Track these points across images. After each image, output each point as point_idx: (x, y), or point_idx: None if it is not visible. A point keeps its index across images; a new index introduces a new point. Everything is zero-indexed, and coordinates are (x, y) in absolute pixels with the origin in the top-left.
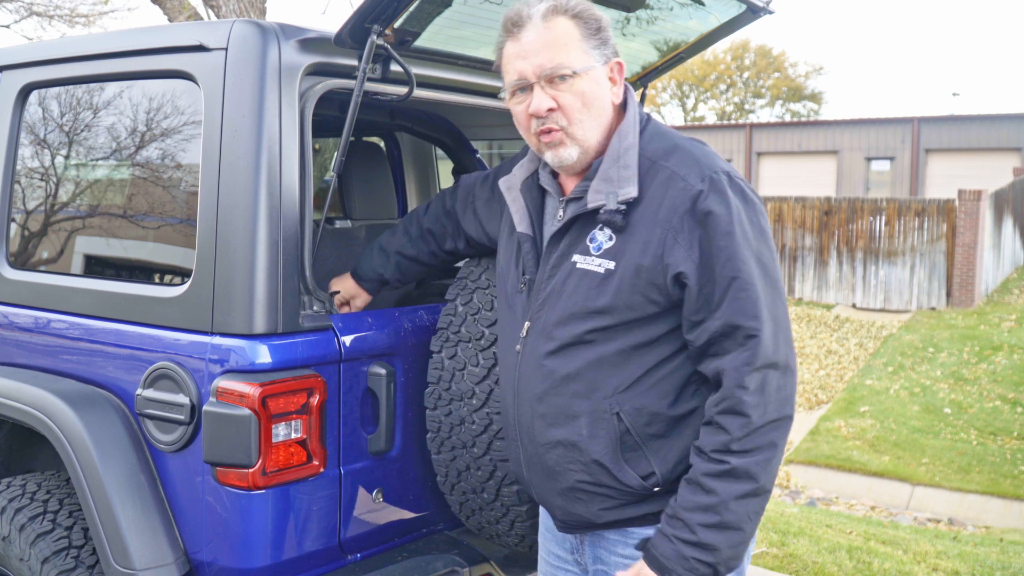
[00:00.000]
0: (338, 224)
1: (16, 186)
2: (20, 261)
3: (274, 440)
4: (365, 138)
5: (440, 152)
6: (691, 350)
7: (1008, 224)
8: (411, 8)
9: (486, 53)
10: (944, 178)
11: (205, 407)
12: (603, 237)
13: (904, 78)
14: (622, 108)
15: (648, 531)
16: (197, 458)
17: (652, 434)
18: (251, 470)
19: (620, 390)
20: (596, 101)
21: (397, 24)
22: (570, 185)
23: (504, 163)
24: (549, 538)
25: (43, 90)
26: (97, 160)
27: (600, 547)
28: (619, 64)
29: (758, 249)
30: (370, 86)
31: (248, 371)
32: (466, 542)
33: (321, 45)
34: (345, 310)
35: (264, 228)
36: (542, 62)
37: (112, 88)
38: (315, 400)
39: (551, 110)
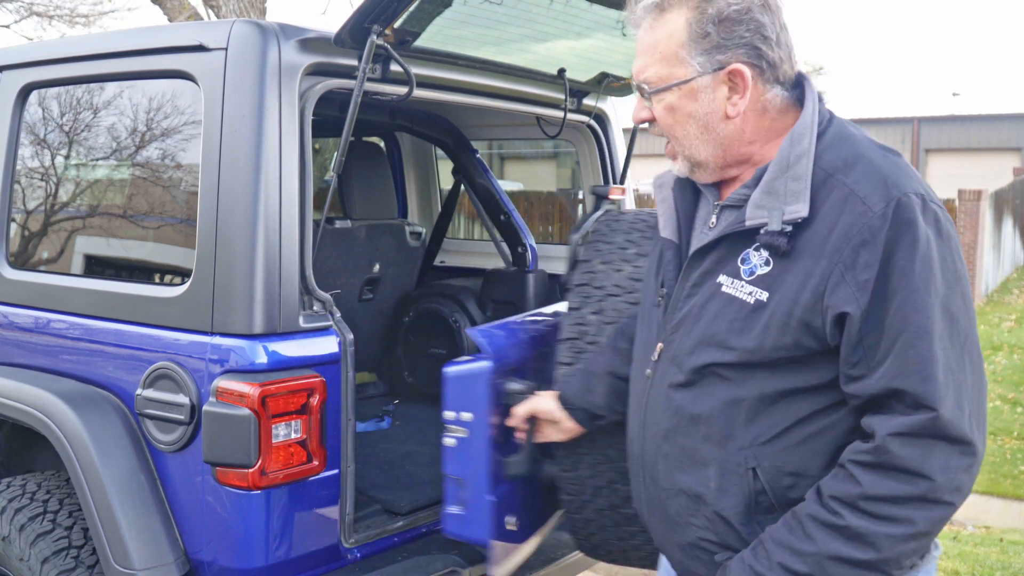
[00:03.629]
0: (338, 224)
1: (16, 186)
2: (20, 261)
3: (274, 440)
4: (365, 138)
5: (440, 152)
6: (852, 406)
7: (1008, 224)
8: (411, 8)
9: (486, 53)
10: (944, 178)
11: (205, 407)
12: (759, 260)
13: (904, 78)
14: (798, 104)
15: None
16: (197, 458)
17: (795, 498)
18: (251, 470)
19: (760, 442)
20: (692, 120)
21: (397, 24)
22: (727, 188)
23: None
24: None
25: (43, 90)
26: (97, 160)
27: None
28: (739, 72)
29: (946, 296)
30: (370, 86)
31: (248, 371)
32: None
33: (321, 45)
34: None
35: (264, 228)
36: (636, 68)
37: (112, 88)
38: (315, 400)
39: (645, 120)
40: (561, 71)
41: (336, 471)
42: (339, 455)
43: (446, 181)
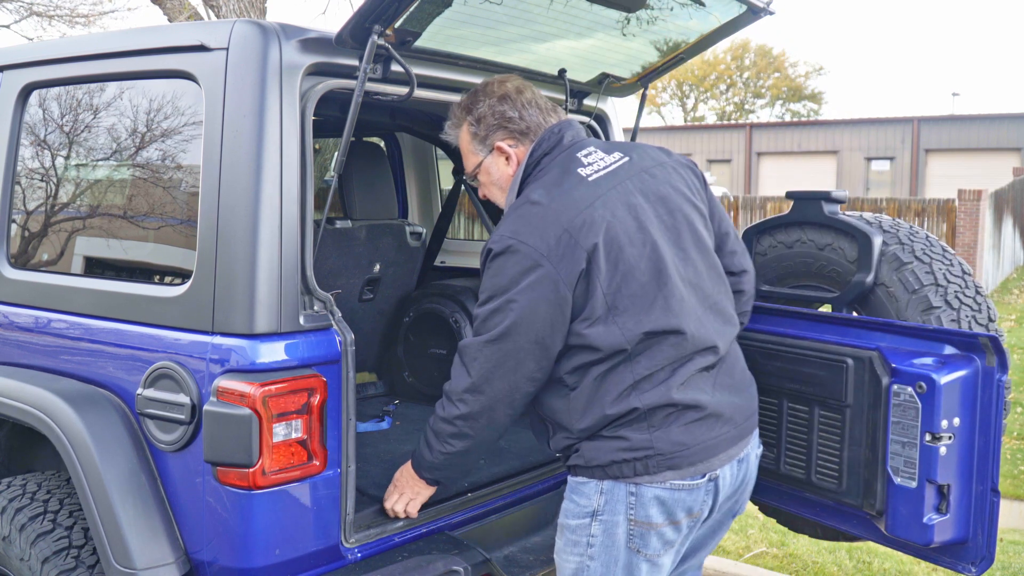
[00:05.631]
0: (338, 224)
1: (17, 186)
2: (21, 261)
3: (274, 440)
4: (366, 138)
5: (440, 152)
6: None
7: (1008, 224)
8: (411, 8)
9: (486, 53)
10: (944, 178)
11: (206, 407)
12: None
13: (904, 78)
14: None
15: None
16: (198, 458)
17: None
18: (251, 470)
19: None
20: (494, 185)
21: (398, 24)
22: None
23: None
24: None
25: (44, 90)
26: (98, 160)
27: None
28: (499, 148)
29: (493, 297)
30: (371, 86)
31: (249, 371)
32: (466, 542)
33: (322, 45)
34: None
35: (265, 228)
36: (465, 167)
37: (113, 88)
38: (315, 400)
39: (482, 196)
40: (562, 71)
41: (336, 471)
42: (339, 455)
43: (446, 181)
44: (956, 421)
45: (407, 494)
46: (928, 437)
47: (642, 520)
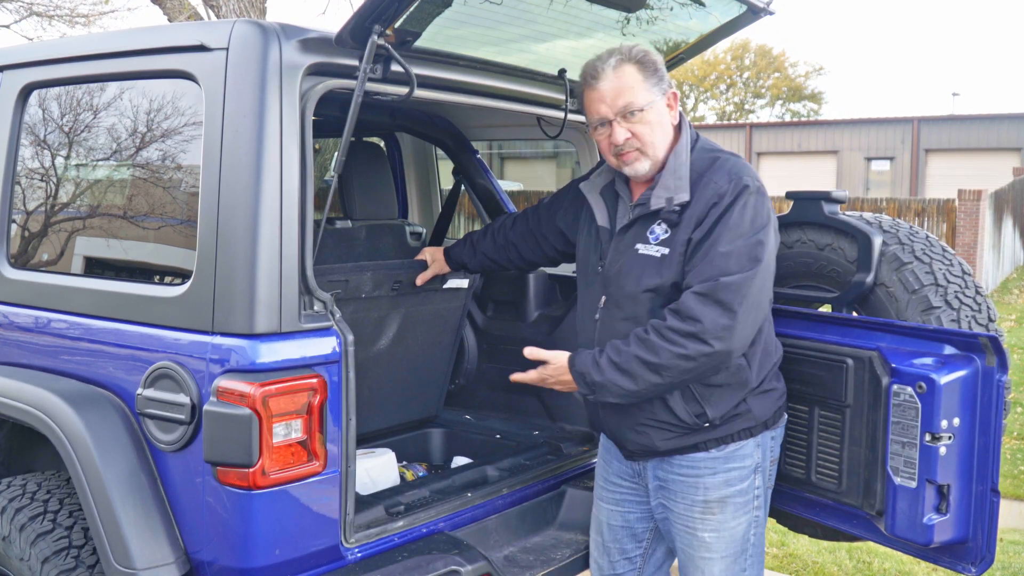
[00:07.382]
0: (338, 224)
1: (17, 186)
2: (21, 261)
3: (274, 440)
4: (366, 138)
5: (440, 152)
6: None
7: (1008, 224)
8: (411, 8)
9: (486, 53)
10: (944, 178)
11: (206, 407)
12: (660, 230)
13: (904, 78)
14: (678, 130)
15: (696, 454)
16: (198, 458)
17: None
18: (251, 470)
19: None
20: (660, 126)
21: (398, 24)
22: (638, 191)
23: (579, 176)
24: (612, 464)
25: (44, 90)
26: (98, 160)
27: (661, 468)
28: (674, 94)
29: (750, 232)
30: (371, 86)
31: (249, 371)
32: (466, 542)
33: (322, 45)
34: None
35: (265, 228)
36: (618, 104)
37: (113, 88)
38: (316, 400)
39: (627, 139)
40: (562, 71)
41: (336, 471)
42: (339, 455)
43: (446, 181)
44: (956, 421)
45: (549, 382)
46: (928, 437)
47: (775, 457)
